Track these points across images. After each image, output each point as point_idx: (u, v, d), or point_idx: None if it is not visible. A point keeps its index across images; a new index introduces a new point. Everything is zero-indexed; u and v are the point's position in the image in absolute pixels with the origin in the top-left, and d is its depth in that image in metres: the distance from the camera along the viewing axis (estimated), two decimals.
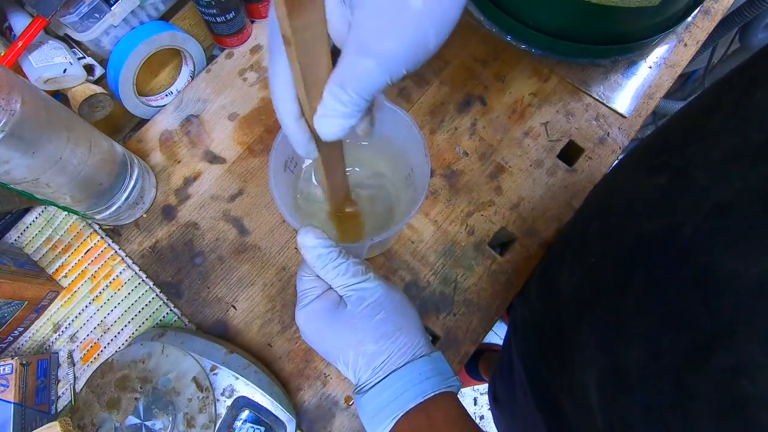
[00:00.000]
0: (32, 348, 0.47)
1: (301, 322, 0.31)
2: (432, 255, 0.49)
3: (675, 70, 0.56)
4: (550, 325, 0.38)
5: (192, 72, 0.56)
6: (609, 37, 0.52)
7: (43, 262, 0.48)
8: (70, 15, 0.44)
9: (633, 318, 0.24)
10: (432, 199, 0.51)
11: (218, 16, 0.51)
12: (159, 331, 0.44)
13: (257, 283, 0.48)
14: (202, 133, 0.53)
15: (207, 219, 0.50)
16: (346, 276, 0.29)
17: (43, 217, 0.49)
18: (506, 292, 0.48)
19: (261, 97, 0.55)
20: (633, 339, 0.24)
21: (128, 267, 0.49)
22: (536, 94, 0.55)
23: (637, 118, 0.54)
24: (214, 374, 0.40)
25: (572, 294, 0.33)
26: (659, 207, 0.25)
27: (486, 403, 1.22)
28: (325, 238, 0.29)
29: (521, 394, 0.45)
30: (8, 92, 0.31)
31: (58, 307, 0.48)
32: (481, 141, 0.53)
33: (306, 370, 0.46)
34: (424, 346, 0.30)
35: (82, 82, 0.47)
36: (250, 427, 0.39)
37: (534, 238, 0.50)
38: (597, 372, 0.26)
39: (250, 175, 0.52)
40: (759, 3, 0.72)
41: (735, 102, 0.23)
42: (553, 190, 0.52)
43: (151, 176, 0.50)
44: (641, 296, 0.24)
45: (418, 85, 0.55)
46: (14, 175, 0.34)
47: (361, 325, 0.29)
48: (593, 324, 0.28)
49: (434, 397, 0.28)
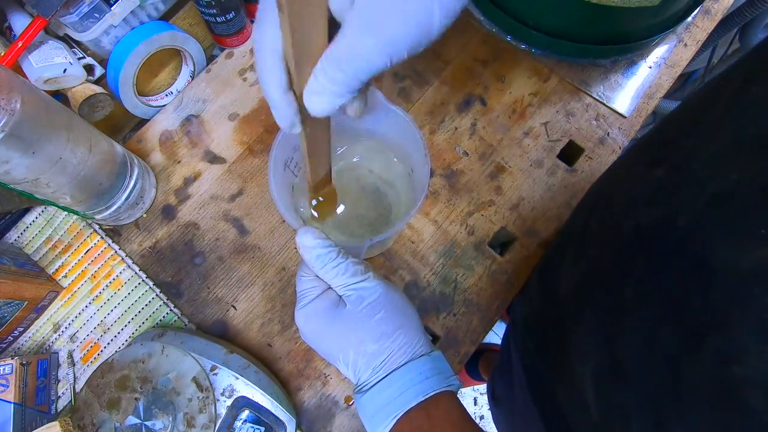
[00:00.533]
0: (32, 348, 0.47)
1: (300, 322, 0.31)
2: (432, 255, 0.49)
3: (675, 70, 0.56)
4: (549, 320, 0.38)
5: (192, 72, 0.56)
6: (609, 37, 0.52)
7: (43, 262, 0.48)
8: (70, 15, 0.44)
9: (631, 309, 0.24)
10: (432, 199, 0.51)
11: (218, 16, 0.51)
12: (159, 331, 0.44)
13: (257, 283, 0.48)
14: (202, 133, 0.53)
15: (207, 219, 0.50)
16: (345, 276, 0.29)
17: (43, 217, 0.49)
18: (506, 292, 0.48)
19: (261, 97, 0.55)
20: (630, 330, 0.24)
21: (128, 267, 0.49)
22: (536, 94, 0.55)
23: (637, 118, 0.54)
24: (214, 374, 0.40)
25: (572, 287, 0.33)
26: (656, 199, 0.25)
27: (486, 403, 1.22)
28: (324, 238, 0.29)
29: (519, 392, 0.45)
30: (8, 92, 0.31)
31: (58, 307, 0.48)
32: (481, 141, 0.53)
33: (306, 370, 0.46)
34: (424, 345, 0.30)
35: (82, 82, 0.47)
36: (250, 427, 0.39)
37: (534, 238, 0.50)
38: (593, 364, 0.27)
39: (250, 175, 0.52)
40: (759, 3, 0.72)
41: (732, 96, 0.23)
42: (553, 190, 0.52)
43: (151, 176, 0.50)
44: (639, 287, 0.24)
45: (418, 85, 0.55)
46: (14, 175, 0.34)
47: (360, 324, 0.29)
48: (592, 316, 0.29)
49: (434, 396, 0.28)
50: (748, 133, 0.20)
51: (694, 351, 0.19)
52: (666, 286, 0.22)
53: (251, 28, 0.57)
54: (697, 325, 0.19)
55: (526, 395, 0.42)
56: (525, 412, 0.43)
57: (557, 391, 0.35)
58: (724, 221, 0.20)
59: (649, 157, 0.29)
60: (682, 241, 0.21)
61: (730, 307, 0.18)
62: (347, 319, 0.29)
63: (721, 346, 0.18)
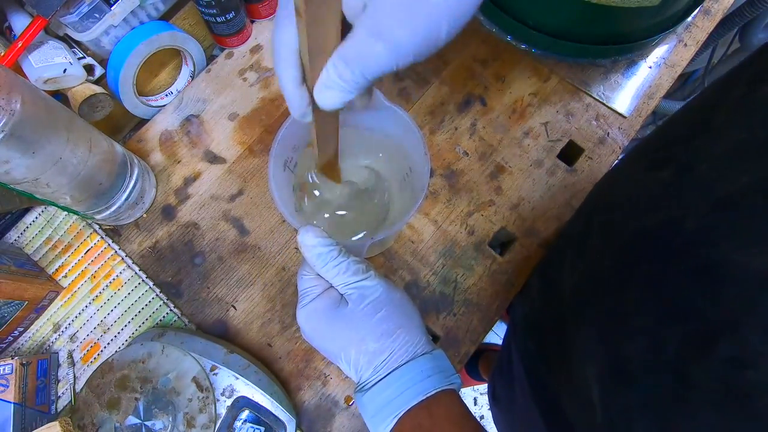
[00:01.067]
0: (32, 348, 0.47)
1: (302, 321, 0.31)
2: (432, 255, 0.49)
3: (675, 70, 0.56)
4: (550, 320, 0.38)
5: (192, 72, 0.56)
6: (609, 37, 0.52)
7: (43, 262, 0.48)
8: (70, 15, 0.44)
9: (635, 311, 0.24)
10: (432, 199, 0.51)
11: (218, 16, 0.51)
12: (159, 331, 0.44)
13: (257, 283, 0.48)
14: (202, 133, 0.53)
15: (207, 219, 0.50)
16: (346, 274, 0.29)
17: (43, 217, 0.49)
18: (506, 292, 0.48)
19: (261, 97, 0.55)
20: (635, 331, 0.24)
21: (128, 267, 0.49)
22: (536, 94, 0.55)
23: (637, 118, 0.54)
24: (214, 374, 0.40)
25: (574, 288, 0.33)
26: (662, 200, 0.25)
27: (486, 403, 1.22)
28: (325, 236, 0.29)
29: (520, 392, 0.45)
30: (8, 92, 0.31)
31: (58, 307, 0.48)
32: (481, 141, 0.53)
33: (306, 370, 0.46)
34: (425, 344, 0.30)
35: (82, 82, 0.47)
36: (250, 427, 0.39)
37: (534, 238, 0.50)
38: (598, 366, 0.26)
39: (250, 175, 0.52)
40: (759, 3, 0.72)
41: (741, 97, 0.23)
42: (553, 190, 0.52)
43: (151, 176, 0.50)
44: (643, 289, 0.24)
45: (418, 85, 0.55)
46: (14, 175, 0.34)
47: (362, 323, 0.29)
48: (595, 317, 0.29)
49: (436, 394, 0.28)
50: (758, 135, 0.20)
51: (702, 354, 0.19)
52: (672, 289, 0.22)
53: (251, 28, 0.57)
54: (705, 329, 0.19)
55: (526, 395, 0.42)
56: (525, 412, 0.43)
57: (559, 391, 0.35)
58: (733, 224, 0.20)
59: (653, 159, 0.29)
60: (689, 243, 0.21)
61: (740, 311, 0.18)
62: (348, 318, 0.29)
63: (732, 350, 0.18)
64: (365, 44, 0.20)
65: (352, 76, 0.21)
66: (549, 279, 0.40)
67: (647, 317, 0.23)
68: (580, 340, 0.30)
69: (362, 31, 0.20)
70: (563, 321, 0.34)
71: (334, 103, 0.23)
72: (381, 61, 0.20)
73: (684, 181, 0.24)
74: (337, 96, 0.23)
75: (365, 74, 0.21)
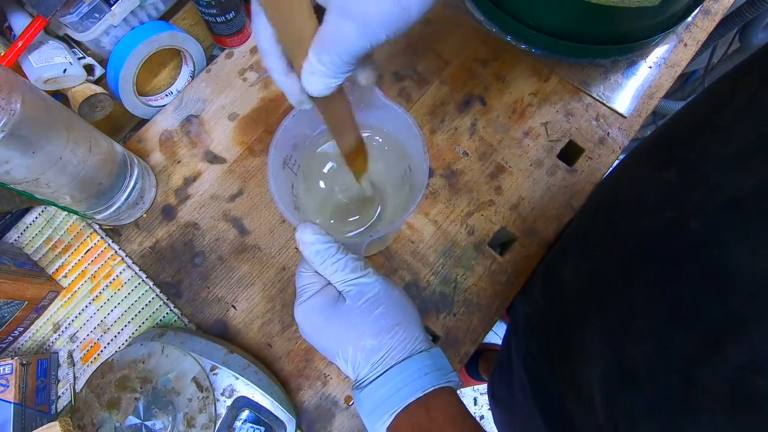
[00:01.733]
0: (32, 348, 0.47)
1: (300, 318, 0.31)
2: (432, 255, 0.49)
3: (675, 70, 0.56)
4: (553, 320, 0.38)
5: (192, 72, 0.56)
6: (609, 37, 0.52)
7: (43, 262, 0.48)
8: (70, 15, 0.44)
9: (640, 312, 0.24)
10: (432, 199, 0.51)
11: (218, 16, 0.51)
12: (159, 331, 0.44)
13: (257, 283, 0.48)
14: (202, 133, 0.53)
15: (207, 219, 0.50)
16: (344, 271, 0.29)
17: (43, 217, 0.49)
18: (506, 291, 0.48)
19: (261, 97, 0.55)
20: (640, 333, 0.23)
21: (128, 267, 0.49)
22: (536, 94, 0.55)
23: (637, 118, 0.54)
24: (214, 374, 0.40)
25: (577, 289, 0.33)
26: (667, 201, 0.25)
27: (486, 403, 1.22)
28: (324, 234, 0.29)
29: (520, 392, 0.44)
30: (8, 92, 0.31)
31: (58, 307, 0.48)
32: (481, 141, 0.53)
33: (306, 370, 0.46)
34: (423, 341, 0.30)
35: (82, 82, 0.47)
36: (250, 427, 0.39)
37: (534, 238, 0.50)
38: (602, 367, 0.26)
39: (250, 175, 0.52)
40: (759, 3, 0.72)
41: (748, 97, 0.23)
42: (553, 190, 0.52)
43: (151, 176, 0.50)
44: (649, 290, 0.24)
45: (418, 85, 0.55)
46: (14, 175, 0.34)
47: (360, 319, 0.29)
48: (599, 319, 0.28)
49: (433, 392, 0.28)
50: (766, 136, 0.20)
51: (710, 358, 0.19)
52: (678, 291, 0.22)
53: (251, 28, 0.57)
54: (713, 331, 0.19)
55: (526, 395, 0.42)
56: (525, 412, 0.43)
57: (561, 392, 0.35)
58: (740, 225, 0.19)
59: (657, 159, 0.29)
60: (695, 245, 0.21)
61: (748, 314, 0.18)
62: (346, 315, 0.29)
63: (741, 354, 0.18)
64: (336, 25, 0.21)
65: (330, 59, 0.21)
66: (552, 279, 0.40)
67: (654, 319, 0.23)
68: (584, 340, 0.30)
69: (332, 12, 0.21)
70: (567, 321, 0.34)
71: (323, 89, 0.23)
72: (354, 40, 0.21)
73: (689, 182, 0.24)
74: (323, 81, 0.23)
75: (342, 56, 0.21)
